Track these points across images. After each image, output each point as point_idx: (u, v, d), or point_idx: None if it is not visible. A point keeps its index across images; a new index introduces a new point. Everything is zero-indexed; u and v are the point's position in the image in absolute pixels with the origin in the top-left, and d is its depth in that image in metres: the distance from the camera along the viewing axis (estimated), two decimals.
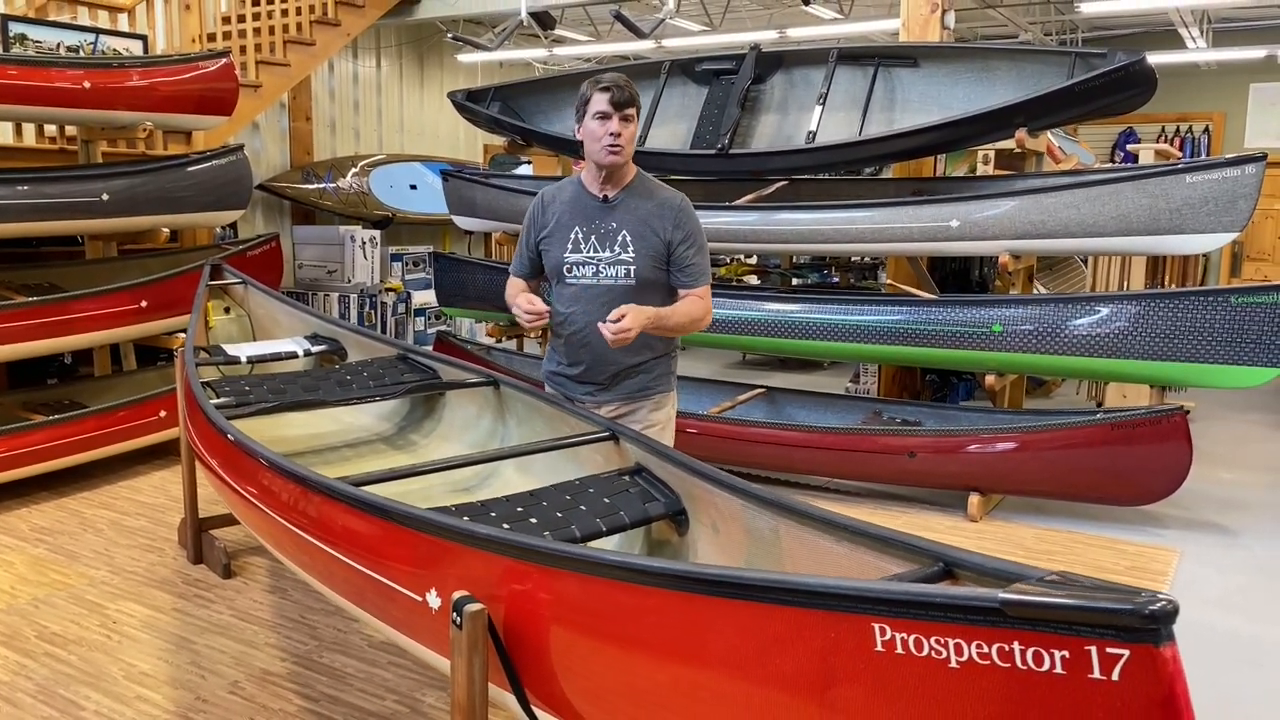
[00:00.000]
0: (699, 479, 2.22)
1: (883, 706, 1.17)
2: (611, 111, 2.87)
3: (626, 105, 2.88)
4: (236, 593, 4.03)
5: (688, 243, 2.98)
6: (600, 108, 2.89)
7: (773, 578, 1.28)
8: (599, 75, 2.96)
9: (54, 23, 6.41)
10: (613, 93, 2.87)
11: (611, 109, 2.87)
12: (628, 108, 2.89)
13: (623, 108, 2.88)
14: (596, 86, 2.91)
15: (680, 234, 2.97)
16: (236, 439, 2.59)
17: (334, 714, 3.09)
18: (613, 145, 2.90)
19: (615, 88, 2.88)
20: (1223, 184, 4.73)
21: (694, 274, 3.00)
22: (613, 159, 2.94)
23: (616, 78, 2.92)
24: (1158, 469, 4.83)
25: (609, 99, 2.87)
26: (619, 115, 2.88)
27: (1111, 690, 0.99)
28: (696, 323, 2.99)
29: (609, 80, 2.90)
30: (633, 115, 2.92)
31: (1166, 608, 0.97)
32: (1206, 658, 3.60)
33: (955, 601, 1.09)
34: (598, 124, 2.90)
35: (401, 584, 1.90)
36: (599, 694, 1.59)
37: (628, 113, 2.90)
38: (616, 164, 2.96)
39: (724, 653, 1.36)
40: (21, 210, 5.29)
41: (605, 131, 2.89)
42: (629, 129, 2.91)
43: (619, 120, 2.88)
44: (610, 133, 2.89)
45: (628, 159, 2.99)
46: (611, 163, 2.95)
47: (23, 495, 5.17)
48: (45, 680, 3.28)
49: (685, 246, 2.98)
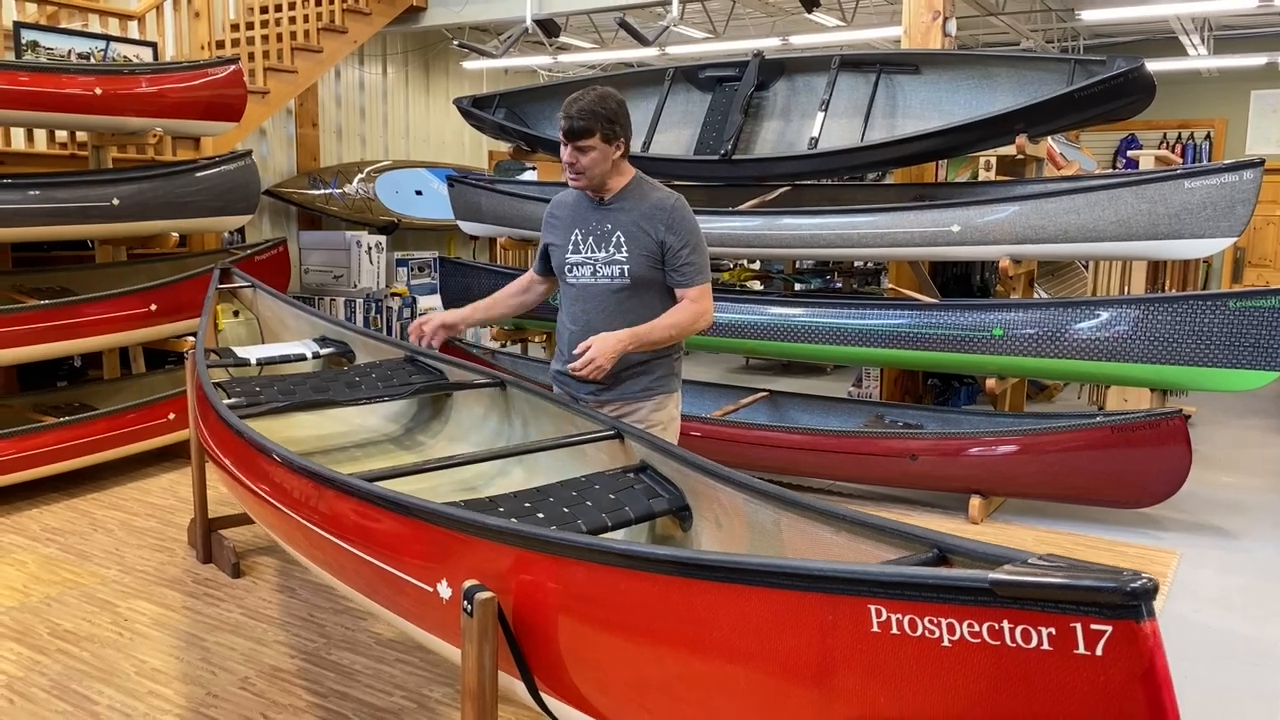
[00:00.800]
0: (702, 475, 2.28)
1: (879, 685, 1.22)
2: (565, 141, 2.94)
3: (579, 136, 2.89)
4: (245, 592, 4.08)
5: (681, 242, 3.01)
6: (560, 136, 2.96)
7: (772, 563, 1.33)
8: (571, 98, 2.95)
9: (65, 30, 6.48)
10: (565, 123, 2.91)
11: (565, 139, 2.93)
12: (580, 138, 2.89)
13: (574, 138, 2.90)
14: (559, 114, 2.97)
15: (673, 234, 3.01)
16: (251, 438, 2.65)
17: (343, 709, 3.14)
18: (573, 177, 3.00)
19: (567, 117, 2.91)
20: (1221, 189, 4.77)
21: (688, 274, 3.02)
22: (574, 183, 3.04)
23: (574, 105, 2.90)
24: (1157, 472, 4.87)
25: (562, 129, 2.93)
26: (572, 145, 2.92)
27: (1096, 665, 1.04)
28: (687, 329, 3.01)
29: (565, 109, 2.92)
30: (589, 145, 2.90)
31: (1147, 585, 1.02)
32: (1204, 656, 3.65)
33: (948, 582, 1.14)
34: (562, 149, 2.98)
35: (413, 575, 1.95)
36: (605, 680, 1.64)
37: (580, 143, 2.90)
38: (579, 188, 3.06)
39: (726, 636, 1.41)
40: (35, 215, 5.36)
41: (564, 159, 2.98)
42: (584, 158, 2.92)
43: (572, 150, 2.93)
44: (566, 161, 2.97)
45: (596, 180, 3.01)
46: (575, 187, 3.07)
47: (34, 496, 5.23)
48: (59, 676, 3.34)
49: (679, 246, 3.02)
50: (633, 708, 1.60)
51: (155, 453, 5.84)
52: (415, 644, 3.58)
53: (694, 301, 3.03)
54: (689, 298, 3.03)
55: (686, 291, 3.04)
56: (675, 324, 2.99)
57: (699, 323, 3.03)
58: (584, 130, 2.88)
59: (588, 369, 2.84)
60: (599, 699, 1.66)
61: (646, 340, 2.95)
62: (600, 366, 2.85)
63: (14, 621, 3.76)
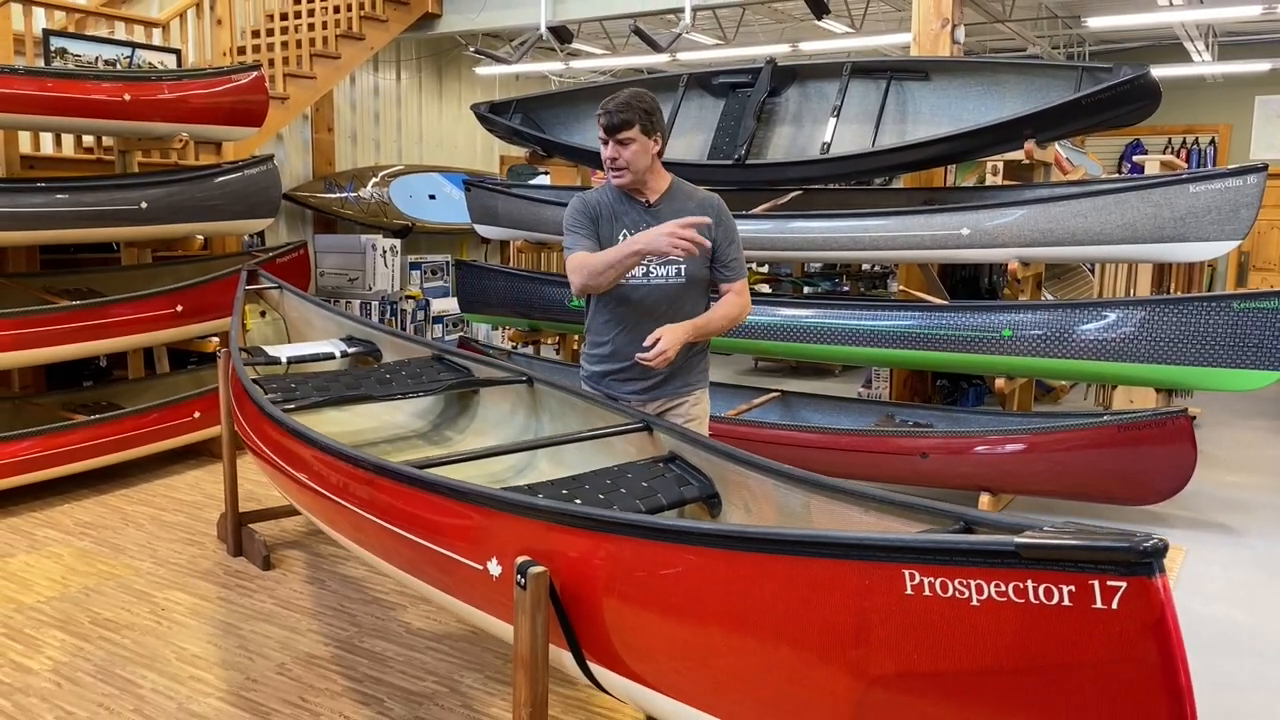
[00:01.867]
0: (731, 463, 2.40)
1: (913, 643, 1.34)
2: (606, 137, 3.02)
3: (618, 129, 2.97)
4: (276, 583, 4.20)
5: (728, 240, 3.15)
6: (600, 134, 3.04)
7: (812, 533, 1.45)
8: (606, 99, 3.04)
9: (92, 37, 6.63)
10: (604, 118, 2.99)
11: (605, 136, 3.01)
12: (620, 131, 2.98)
13: (614, 132, 2.98)
14: (600, 109, 3.03)
15: (723, 231, 3.14)
16: (299, 430, 2.77)
17: (378, 693, 3.26)
18: (615, 173, 3.06)
19: (606, 113, 2.99)
20: (1225, 193, 4.88)
21: (736, 269, 3.17)
22: (617, 181, 3.09)
23: (613, 104, 2.99)
24: (1163, 470, 4.97)
25: (603, 124, 3.00)
26: (613, 140, 3.00)
27: (1112, 617, 1.16)
28: (736, 320, 3.16)
29: (603, 105, 3.00)
30: (629, 137, 2.99)
31: (1158, 545, 1.14)
32: (1209, 647, 3.76)
33: (976, 547, 1.26)
34: (603, 148, 3.06)
35: (464, 555, 2.07)
36: (651, 649, 1.76)
37: (621, 136, 2.98)
38: (624, 185, 3.11)
39: (767, 604, 1.53)
40: (66, 218, 5.50)
41: (605, 155, 3.05)
42: (626, 151, 3.00)
43: (614, 145, 3.01)
44: (608, 157, 3.04)
45: (636, 177, 3.07)
46: (618, 185, 3.11)
47: (65, 492, 5.36)
48: (103, 661, 3.46)
49: (726, 244, 3.14)
50: (677, 674, 1.72)
51: (180, 451, 5.97)
52: (445, 633, 3.71)
53: (739, 295, 3.17)
54: (734, 291, 3.17)
55: (732, 285, 3.17)
56: (727, 315, 3.12)
57: (744, 314, 3.18)
58: (624, 123, 2.96)
59: (658, 359, 2.89)
60: (644, 667, 1.78)
61: (705, 330, 3.08)
62: (669, 357, 2.91)
63: (55, 610, 3.89)
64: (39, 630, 3.71)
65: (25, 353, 5.29)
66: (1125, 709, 1.17)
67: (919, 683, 1.35)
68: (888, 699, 1.38)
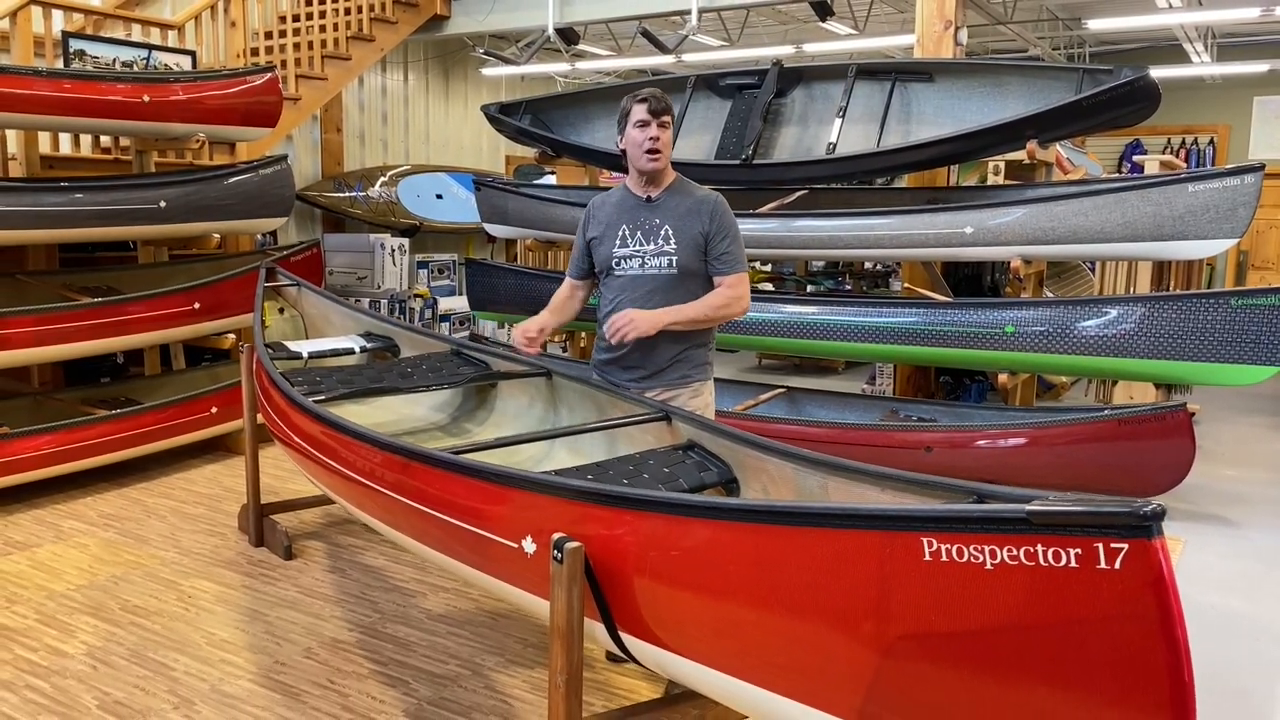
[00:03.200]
0: (749, 448, 2.51)
1: (932, 605, 1.45)
2: (649, 119, 3.21)
3: (663, 113, 3.22)
4: (299, 572, 4.31)
5: (721, 234, 3.28)
6: (640, 116, 3.22)
7: (835, 506, 1.56)
8: (637, 90, 3.29)
9: (110, 39, 6.74)
10: (650, 102, 3.21)
11: (650, 116, 3.21)
12: (664, 115, 3.22)
13: (659, 115, 3.21)
14: (635, 99, 3.25)
15: (715, 226, 3.28)
16: (334, 420, 2.89)
17: (403, 675, 3.37)
18: (652, 149, 3.22)
19: (652, 98, 3.22)
20: (1223, 192, 5.00)
21: (728, 262, 3.28)
22: (653, 163, 3.26)
23: (653, 90, 3.27)
24: (1162, 463, 5.08)
25: (647, 108, 3.21)
26: (656, 122, 3.21)
27: (1115, 576, 1.27)
28: (722, 309, 3.27)
29: (646, 93, 3.25)
30: (668, 122, 3.25)
31: (1156, 509, 1.25)
32: (1206, 633, 3.87)
33: (990, 515, 1.37)
34: (638, 131, 3.23)
35: (499, 534, 2.18)
36: (681, 619, 1.87)
37: (664, 119, 3.22)
38: (657, 168, 3.28)
39: (793, 574, 1.64)
40: (85, 217, 5.61)
41: (645, 137, 3.22)
42: (665, 134, 3.25)
43: (657, 126, 3.22)
44: (650, 137, 3.22)
45: (666, 163, 3.31)
46: (652, 167, 3.27)
47: (87, 486, 5.47)
48: (135, 646, 3.57)
49: (719, 238, 3.28)
50: (706, 642, 1.83)
51: (198, 445, 6.08)
52: (465, 619, 3.82)
53: (730, 288, 3.28)
54: (726, 284, 3.29)
55: (724, 279, 3.29)
56: (710, 304, 3.25)
57: (733, 307, 3.29)
58: (667, 108, 3.21)
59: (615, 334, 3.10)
60: (674, 637, 1.89)
61: (683, 318, 3.21)
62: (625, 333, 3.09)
63: (85, 598, 4.00)
64: (71, 616, 3.82)
65: (46, 349, 5.40)
66: (1128, 660, 1.28)
67: (938, 642, 1.46)
68: (908, 658, 1.49)
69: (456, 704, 3.18)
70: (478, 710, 3.14)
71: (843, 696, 1.59)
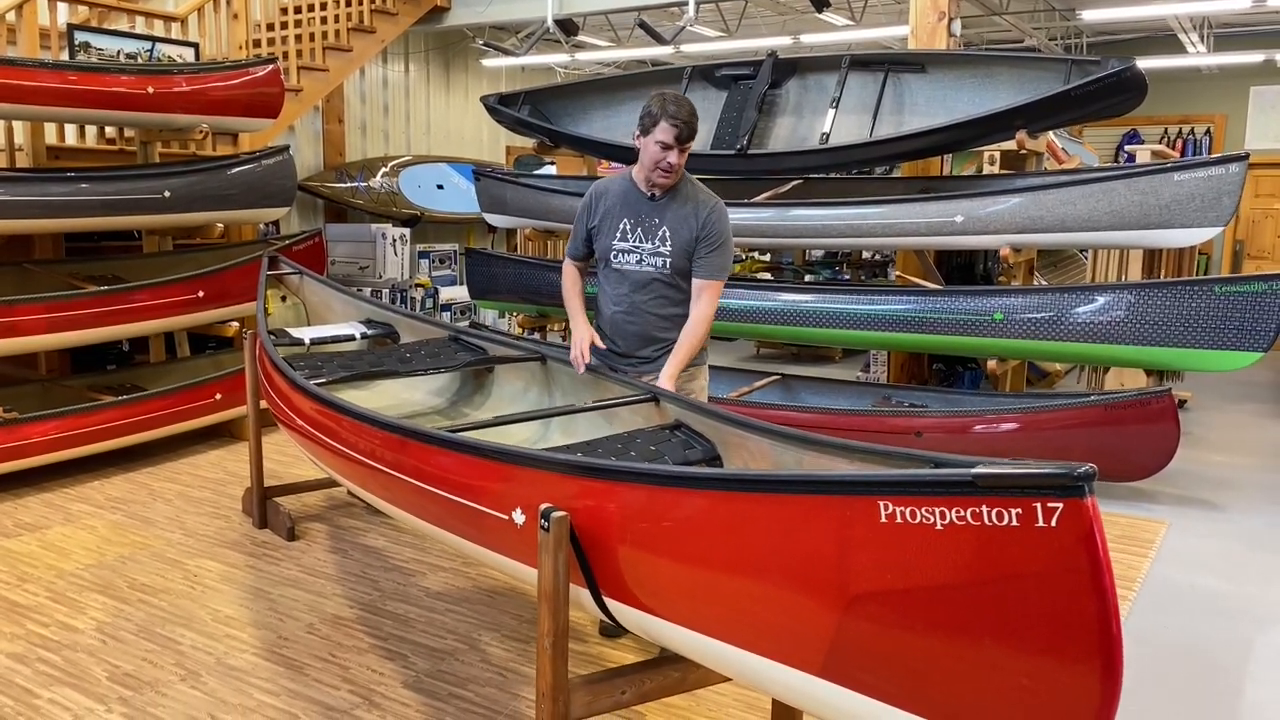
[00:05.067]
0: (732, 426, 2.62)
1: (888, 563, 1.55)
2: (673, 144, 3.23)
3: (687, 140, 3.25)
4: (301, 553, 4.43)
5: (708, 241, 3.38)
6: (664, 138, 3.23)
7: (801, 473, 1.66)
8: (669, 99, 3.23)
9: (115, 31, 6.83)
10: (680, 130, 3.20)
11: (674, 143, 3.23)
12: (687, 142, 3.25)
13: (684, 142, 3.24)
14: (666, 115, 3.21)
15: (705, 232, 3.38)
16: (335, 402, 3.01)
17: (402, 649, 3.48)
18: (665, 174, 3.30)
19: (685, 125, 3.21)
20: (1208, 181, 5.08)
21: (708, 269, 3.39)
22: (663, 180, 3.35)
23: (686, 114, 3.21)
24: (1148, 447, 5.19)
25: (675, 134, 3.21)
26: (679, 149, 3.25)
27: (1051, 533, 1.38)
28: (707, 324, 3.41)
29: (678, 116, 3.20)
30: (689, 149, 3.29)
31: (1088, 470, 1.35)
32: (1184, 610, 3.98)
33: (940, 479, 1.48)
34: (658, 149, 3.26)
35: (490, 507, 2.29)
36: (659, 583, 1.98)
37: (686, 146, 3.26)
38: (665, 185, 3.37)
39: (762, 538, 1.74)
40: (91, 206, 5.72)
41: (664, 159, 3.26)
42: (682, 159, 3.30)
43: (678, 153, 3.25)
44: (668, 161, 3.26)
45: (674, 182, 3.39)
46: (661, 185, 3.36)
47: (94, 470, 5.59)
48: (143, 621, 3.69)
49: (706, 245, 3.38)
50: (683, 605, 1.94)
51: (203, 431, 6.20)
52: (463, 596, 3.94)
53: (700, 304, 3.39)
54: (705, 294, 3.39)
55: (703, 283, 3.39)
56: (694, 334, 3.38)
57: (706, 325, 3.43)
58: (692, 134, 3.23)
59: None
60: (653, 600, 2.00)
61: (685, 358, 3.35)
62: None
63: (95, 577, 4.12)
64: (81, 594, 3.94)
65: (54, 336, 5.51)
66: (1063, 610, 1.39)
67: (893, 599, 1.56)
68: (867, 614, 1.60)
69: (453, 676, 3.29)
70: (473, 682, 3.25)
71: (809, 652, 1.69)
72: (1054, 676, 1.40)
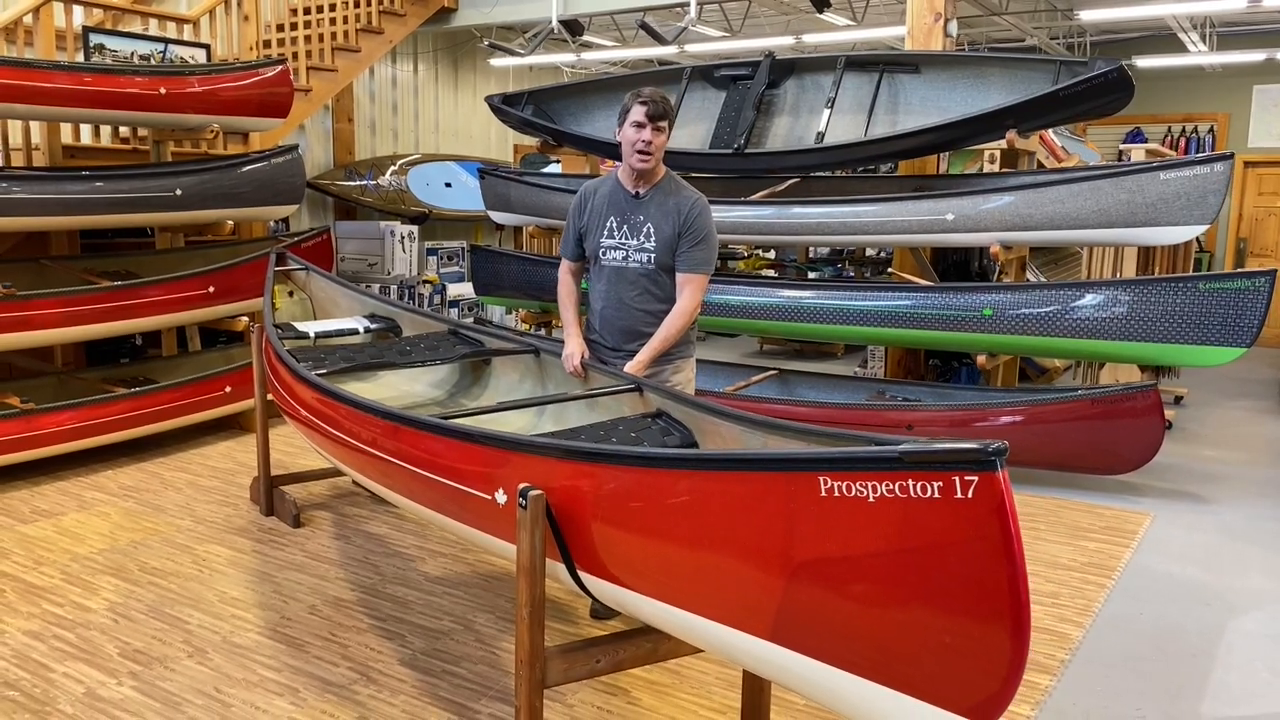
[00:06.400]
0: (708, 414, 2.76)
1: (827, 531, 1.69)
2: (646, 122, 3.40)
3: (659, 118, 3.41)
4: (306, 539, 4.59)
5: (690, 236, 3.51)
6: (637, 118, 3.41)
7: (751, 453, 1.80)
8: (641, 89, 3.47)
9: (128, 33, 7.01)
10: (649, 106, 3.40)
11: (646, 120, 3.40)
12: (660, 120, 3.41)
13: (656, 120, 3.40)
14: (637, 99, 3.43)
15: (686, 227, 3.51)
16: (336, 391, 3.17)
17: (400, 630, 3.63)
18: (643, 152, 3.44)
19: (652, 102, 3.41)
20: (1194, 180, 5.19)
21: (690, 263, 3.51)
22: (642, 164, 3.48)
23: (654, 93, 3.44)
24: (1134, 440, 5.30)
25: (645, 111, 3.40)
26: (652, 126, 3.41)
27: (968, 504, 1.51)
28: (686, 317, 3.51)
29: (647, 95, 3.43)
30: (664, 127, 3.44)
31: (1000, 447, 1.48)
32: (1161, 598, 4.09)
33: (871, 455, 1.61)
34: (633, 131, 3.43)
35: (475, 488, 2.44)
36: (626, 556, 2.12)
37: (659, 124, 3.41)
38: (644, 168, 3.49)
39: (718, 512, 1.88)
40: (106, 204, 5.89)
41: (639, 138, 3.42)
42: (659, 138, 3.43)
43: (651, 130, 3.41)
44: (643, 140, 3.42)
45: (656, 164, 3.52)
46: (640, 167, 3.49)
47: (108, 460, 5.77)
48: (153, 602, 3.85)
49: (687, 240, 3.51)
50: (649, 576, 2.07)
51: (212, 423, 6.37)
52: (460, 581, 4.09)
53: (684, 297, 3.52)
54: (689, 287, 3.52)
55: (685, 276, 3.52)
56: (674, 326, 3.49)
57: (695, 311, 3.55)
58: (664, 113, 3.40)
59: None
60: (622, 572, 2.13)
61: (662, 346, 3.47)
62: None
63: (107, 560, 4.28)
64: (94, 576, 4.10)
65: (69, 330, 5.68)
66: (977, 574, 1.52)
67: (832, 565, 1.70)
68: (809, 581, 1.74)
69: (448, 654, 3.44)
70: (467, 660, 3.40)
71: (761, 618, 1.83)
72: (970, 634, 1.53)
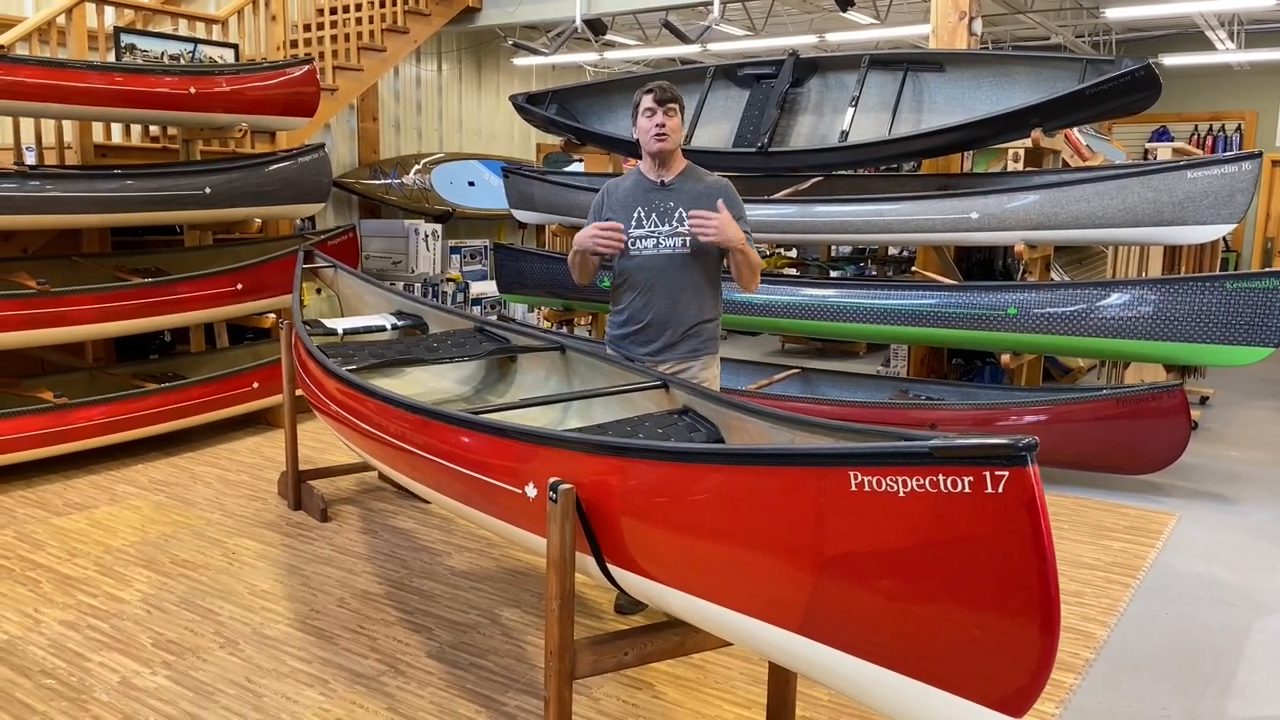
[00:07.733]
0: (734, 410, 2.78)
1: (857, 526, 1.71)
2: (656, 107, 3.51)
3: (668, 101, 3.52)
4: (334, 533, 4.64)
5: (736, 214, 3.54)
6: (647, 105, 3.53)
7: (781, 448, 1.82)
8: (647, 83, 3.59)
9: (158, 33, 7.10)
10: (655, 93, 3.53)
11: (656, 105, 3.51)
12: (669, 103, 3.52)
13: (665, 104, 3.51)
14: (643, 91, 3.57)
15: (729, 205, 3.52)
16: (367, 387, 3.21)
17: (426, 623, 3.68)
18: (659, 133, 3.51)
19: (658, 88, 3.54)
20: (1222, 179, 5.16)
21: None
22: (660, 145, 3.54)
23: (659, 83, 3.58)
24: (1159, 440, 5.27)
25: (653, 98, 3.53)
26: (662, 110, 3.51)
27: (998, 498, 1.53)
28: (757, 272, 3.55)
29: (652, 85, 3.57)
30: (675, 109, 3.54)
31: (1031, 442, 1.50)
32: (1186, 597, 4.08)
33: (901, 450, 1.63)
34: (646, 119, 3.54)
35: (505, 482, 2.47)
36: (656, 550, 2.14)
37: (669, 107, 3.52)
38: (664, 149, 3.55)
39: (748, 507, 1.91)
40: (137, 202, 5.98)
41: (653, 124, 3.52)
42: (672, 120, 3.52)
43: (663, 113, 3.51)
44: (656, 124, 3.51)
45: (675, 146, 3.57)
46: (660, 148, 3.54)
47: (138, 454, 5.85)
48: (185, 594, 3.92)
49: (734, 216, 3.51)
50: (678, 569, 2.10)
51: (241, 418, 6.45)
52: (486, 575, 4.13)
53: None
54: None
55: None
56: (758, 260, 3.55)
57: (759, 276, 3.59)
58: (673, 97, 3.52)
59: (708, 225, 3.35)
60: (651, 566, 2.16)
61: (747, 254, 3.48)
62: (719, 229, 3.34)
63: (139, 553, 4.35)
64: (127, 568, 4.17)
65: (100, 326, 5.77)
66: (1007, 568, 1.54)
67: (861, 560, 1.72)
68: (839, 575, 1.76)
69: (474, 647, 3.48)
70: (493, 653, 3.44)
71: (790, 611, 1.85)
72: (1001, 627, 1.55)
